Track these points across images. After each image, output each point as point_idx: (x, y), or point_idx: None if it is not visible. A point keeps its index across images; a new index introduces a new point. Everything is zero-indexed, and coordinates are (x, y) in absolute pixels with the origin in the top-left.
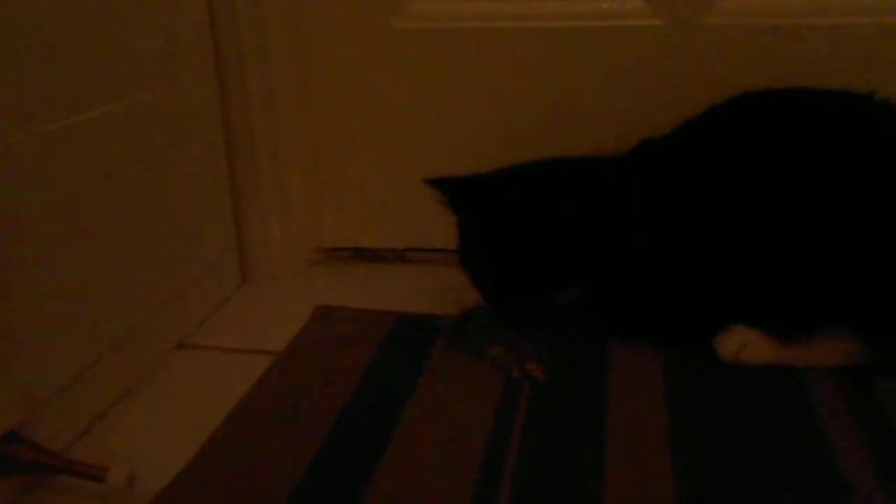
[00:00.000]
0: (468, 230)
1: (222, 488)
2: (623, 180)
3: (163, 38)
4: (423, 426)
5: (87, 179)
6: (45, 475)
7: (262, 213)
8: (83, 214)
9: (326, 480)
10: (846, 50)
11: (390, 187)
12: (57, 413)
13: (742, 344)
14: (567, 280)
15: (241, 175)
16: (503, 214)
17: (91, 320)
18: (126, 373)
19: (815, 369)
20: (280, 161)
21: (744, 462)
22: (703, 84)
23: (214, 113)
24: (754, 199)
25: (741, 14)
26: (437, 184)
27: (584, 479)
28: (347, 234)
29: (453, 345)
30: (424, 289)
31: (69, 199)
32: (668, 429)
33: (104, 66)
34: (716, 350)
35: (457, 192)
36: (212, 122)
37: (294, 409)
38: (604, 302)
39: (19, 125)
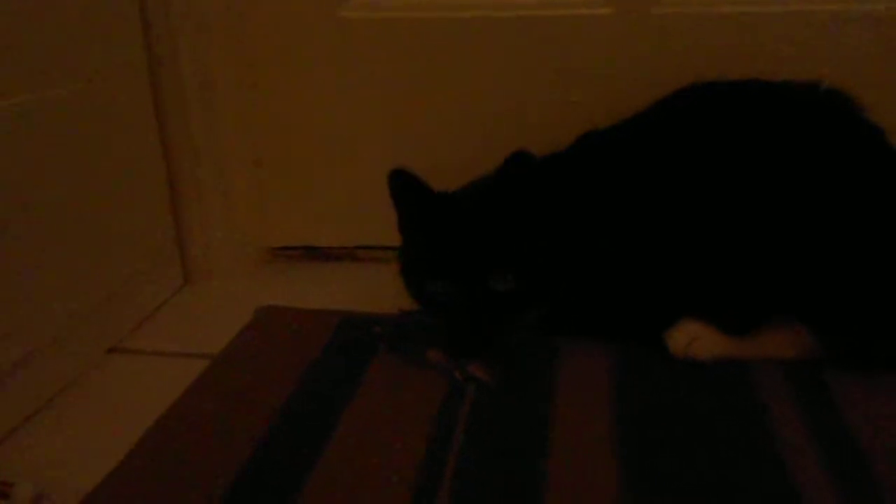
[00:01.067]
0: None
1: (146, 498)
2: (566, 176)
3: (87, 27)
4: (362, 431)
5: (9, 172)
6: None
7: (204, 212)
8: (5, 209)
9: (256, 489)
10: (795, 38)
11: (339, 184)
12: None
13: (691, 338)
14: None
15: (181, 172)
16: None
17: (12, 323)
18: (51, 379)
19: (766, 362)
20: (222, 157)
21: (692, 466)
22: (654, 73)
23: (147, 105)
24: (700, 192)
25: (690, 3)
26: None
27: (524, 489)
28: (296, 233)
29: (392, 349)
30: (375, 287)
31: None
32: (614, 433)
33: (22, 53)
34: (667, 345)
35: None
36: (144, 115)
37: (227, 414)
38: (553, 298)
39: None
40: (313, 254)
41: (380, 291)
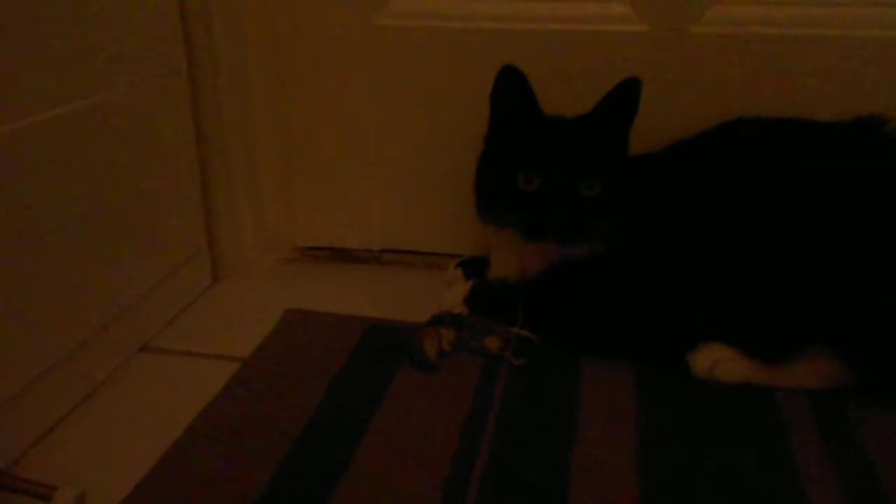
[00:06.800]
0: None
1: None
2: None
3: (132, 33)
4: (389, 442)
5: (49, 176)
6: None
7: (234, 210)
8: (44, 211)
9: (287, 497)
10: (831, 61)
11: (367, 187)
12: (6, 424)
13: (716, 361)
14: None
15: (213, 171)
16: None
17: (47, 323)
18: (84, 379)
19: (789, 390)
20: (253, 158)
21: (711, 488)
22: (688, 91)
23: (185, 107)
24: (743, 218)
25: (728, 23)
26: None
27: None
28: (323, 234)
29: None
30: (401, 292)
31: (31, 195)
32: (636, 458)
33: (72, 62)
34: (691, 366)
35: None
36: (182, 116)
37: (257, 421)
38: (578, 315)
39: None
40: (339, 255)
41: (405, 297)
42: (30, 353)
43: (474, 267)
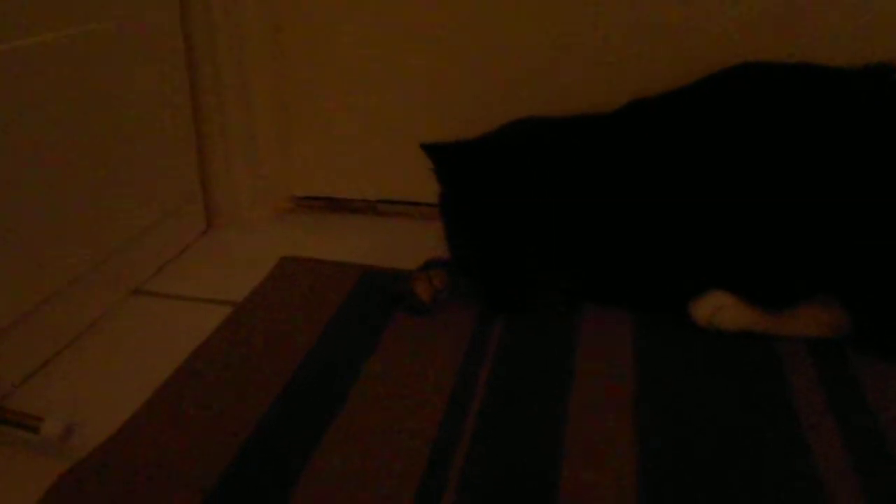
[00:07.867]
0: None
1: (164, 446)
2: (609, 138)
3: None
4: (382, 385)
5: (36, 109)
6: None
7: (230, 158)
8: (33, 148)
9: (272, 445)
10: (842, 7)
11: (365, 136)
12: None
13: (717, 308)
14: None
15: (207, 115)
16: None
17: (38, 261)
18: (76, 318)
19: (790, 338)
20: (248, 102)
21: (710, 436)
22: (692, 35)
23: (178, 46)
24: (739, 164)
25: None
26: (429, 150)
27: (540, 463)
28: (319, 183)
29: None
30: (396, 242)
31: (18, 132)
32: (633, 404)
33: None
34: (691, 314)
35: (443, 161)
36: (175, 56)
37: (250, 362)
38: (579, 264)
39: None
40: (335, 205)
41: (400, 247)
42: (20, 288)
43: None
